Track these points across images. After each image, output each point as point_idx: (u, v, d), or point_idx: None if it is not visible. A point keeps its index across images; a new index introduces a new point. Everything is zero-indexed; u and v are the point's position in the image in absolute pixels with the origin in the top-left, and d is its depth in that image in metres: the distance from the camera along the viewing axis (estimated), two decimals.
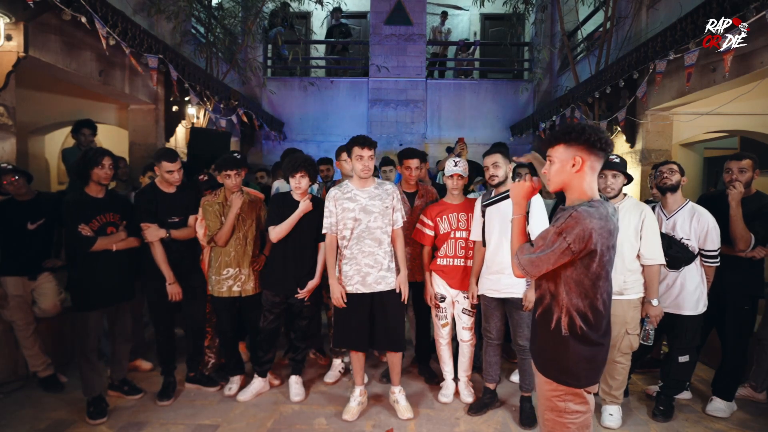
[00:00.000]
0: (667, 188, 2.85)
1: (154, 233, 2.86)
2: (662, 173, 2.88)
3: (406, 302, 2.84)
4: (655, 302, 2.72)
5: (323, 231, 2.83)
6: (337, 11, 8.73)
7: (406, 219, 2.96)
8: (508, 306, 2.80)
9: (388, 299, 2.80)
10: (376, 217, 2.76)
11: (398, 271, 2.83)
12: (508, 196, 1.80)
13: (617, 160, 2.67)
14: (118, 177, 3.25)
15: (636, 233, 2.67)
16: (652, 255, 2.66)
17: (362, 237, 2.76)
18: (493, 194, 2.74)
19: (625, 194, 2.81)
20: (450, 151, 6.34)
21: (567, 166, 1.58)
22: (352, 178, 2.88)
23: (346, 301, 2.77)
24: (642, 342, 2.78)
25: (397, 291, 2.81)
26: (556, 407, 1.60)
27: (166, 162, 2.93)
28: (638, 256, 2.69)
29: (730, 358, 2.96)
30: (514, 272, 1.65)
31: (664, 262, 2.71)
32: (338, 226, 2.79)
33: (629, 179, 2.73)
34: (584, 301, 1.55)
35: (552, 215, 1.83)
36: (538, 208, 2.67)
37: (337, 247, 2.84)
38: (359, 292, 2.77)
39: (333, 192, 2.81)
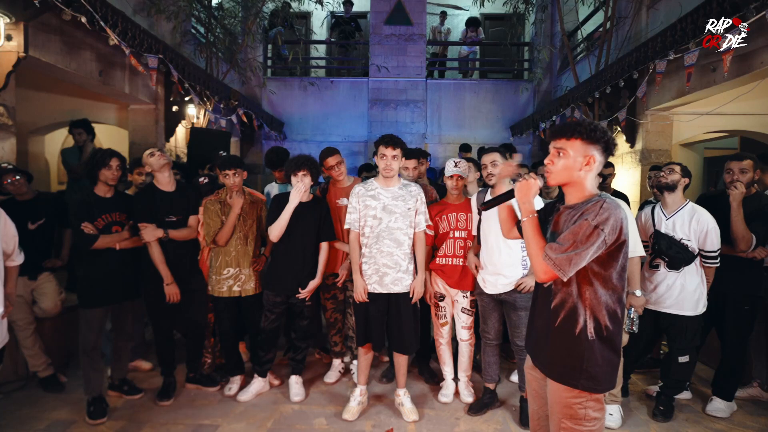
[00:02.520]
0: (662, 186, 2.85)
1: (151, 233, 2.85)
2: (660, 172, 2.91)
3: (413, 303, 2.83)
4: (638, 293, 2.75)
5: (345, 226, 2.84)
6: (348, 4, 8.70)
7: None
8: (506, 307, 2.80)
9: (404, 301, 2.80)
10: (397, 218, 2.76)
11: (416, 274, 2.83)
12: (511, 196, 1.75)
13: None
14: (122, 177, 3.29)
15: None
16: (632, 248, 2.69)
17: (382, 236, 2.76)
18: (489, 194, 2.75)
19: (614, 191, 2.88)
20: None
21: (580, 163, 1.55)
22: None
23: (365, 299, 2.78)
24: (628, 331, 2.79)
25: (410, 295, 2.81)
26: (576, 415, 1.56)
27: (145, 152, 2.96)
28: None
29: (730, 359, 2.96)
30: (541, 277, 1.54)
31: (644, 253, 2.77)
32: (360, 223, 2.80)
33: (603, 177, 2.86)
34: (612, 296, 1.54)
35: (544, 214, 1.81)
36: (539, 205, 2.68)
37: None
38: (376, 291, 2.78)
39: (357, 188, 2.82)
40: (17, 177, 3.01)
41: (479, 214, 2.85)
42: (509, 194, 1.75)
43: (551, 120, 6.18)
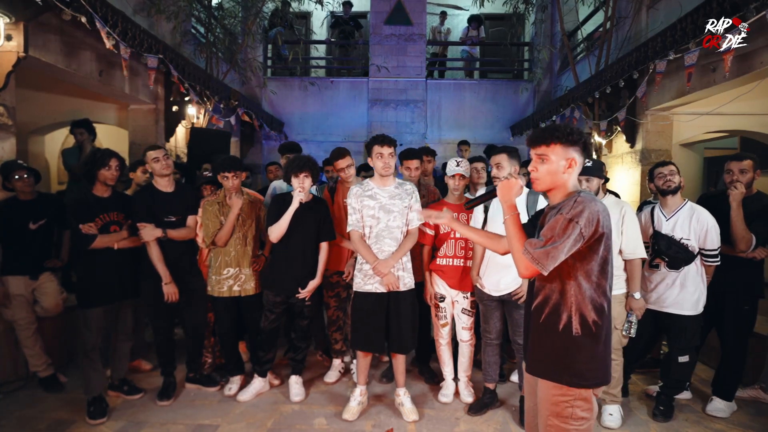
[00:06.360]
0: (670, 191, 2.85)
1: (149, 233, 2.85)
2: (664, 176, 2.87)
3: (410, 301, 2.83)
4: (637, 296, 2.75)
5: (348, 229, 2.83)
6: (347, 5, 8.71)
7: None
8: (507, 306, 2.81)
9: (404, 300, 2.81)
10: (396, 217, 2.77)
11: (399, 257, 2.77)
12: (494, 195, 1.78)
13: (589, 164, 2.65)
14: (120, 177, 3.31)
15: (617, 229, 2.68)
16: (633, 249, 2.70)
17: (382, 236, 2.76)
18: (477, 193, 2.76)
19: (607, 191, 2.86)
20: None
21: (563, 166, 1.59)
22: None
23: (365, 300, 2.78)
24: (625, 335, 2.79)
25: (409, 288, 2.81)
26: (563, 413, 1.57)
27: (149, 152, 2.95)
28: (620, 252, 2.72)
29: (730, 358, 2.96)
30: (523, 273, 1.57)
31: (645, 255, 2.76)
32: (360, 223, 2.80)
33: (605, 179, 2.82)
34: (597, 290, 1.56)
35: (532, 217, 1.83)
36: (541, 201, 2.68)
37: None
38: (378, 291, 2.77)
39: (354, 189, 2.82)
40: (26, 175, 3.04)
41: (485, 212, 2.85)
42: (492, 193, 1.79)
43: (551, 120, 6.18)
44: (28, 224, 3.07)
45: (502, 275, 2.73)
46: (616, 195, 3.59)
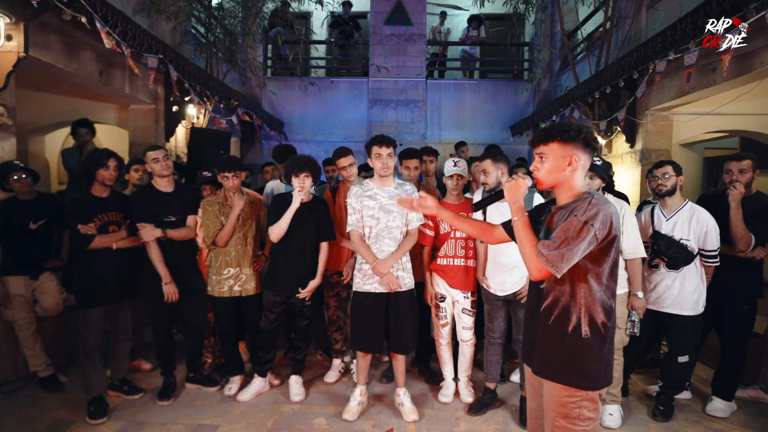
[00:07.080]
0: (663, 194, 2.86)
1: (149, 233, 2.85)
2: (657, 179, 2.87)
3: (409, 301, 2.83)
4: (640, 294, 2.75)
5: (348, 229, 2.82)
6: (346, 5, 8.72)
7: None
8: (512, 306, 2.82)
9: (403, 300, 2.80)
10: (395, 217, 2.77)
11: (398, 257, 2.77)
12: (500, 196, 1.77)
13: (599, 163, 2.65)
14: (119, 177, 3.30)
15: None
16: (634, 249, 2.70)
17: (381, 236, 2.76)
18: (482, 194, 2.77)
19: (606, 192, 2.85)
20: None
21: (562, 164, 1.58)
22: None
23: (364, 299, 2.78)
24: (629, 334, 2.79)
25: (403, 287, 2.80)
26: (570, 414, 1.57)
27: (149, 152, 2.95)
28: (620, 252, 2.71)
29: (730, 358, 2.96)
30: (535, 275, 1.54)
31: (645, 255, 2.76)
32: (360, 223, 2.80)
33: (607, 183, 2.80)
34: (607, 292, 1.55)
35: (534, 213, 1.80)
36: (537, 199, 2.69)
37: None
38: (377, 291, 2.78)
39: (354, 189, 2.82)
40: (24, 176, 3.03)
41: (484, 213, 2.85)
42: (499, 195, 1.77)
43: (551, 120, 6.18)
44: (28, 224, 3.07)
45: (507, 275, 2.75)
46: (624, 196, 3.60)
